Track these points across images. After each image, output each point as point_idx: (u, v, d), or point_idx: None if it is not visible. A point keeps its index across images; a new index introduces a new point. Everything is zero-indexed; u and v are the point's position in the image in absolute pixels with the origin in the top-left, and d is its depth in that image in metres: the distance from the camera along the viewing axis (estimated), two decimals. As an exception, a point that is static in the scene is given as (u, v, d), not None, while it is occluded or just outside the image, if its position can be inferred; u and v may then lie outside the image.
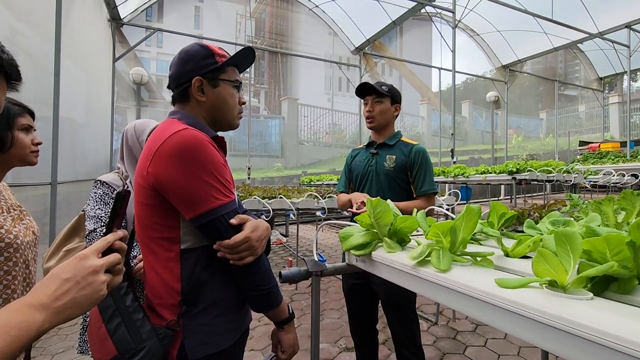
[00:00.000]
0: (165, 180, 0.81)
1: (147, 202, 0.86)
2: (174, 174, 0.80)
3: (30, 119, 1.11)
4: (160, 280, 0.87)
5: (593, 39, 10.59)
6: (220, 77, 0.96)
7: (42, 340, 2.75)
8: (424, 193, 1.70)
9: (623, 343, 0.39)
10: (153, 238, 0.87)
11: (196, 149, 0.81)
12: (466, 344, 2.59)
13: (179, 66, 0.94)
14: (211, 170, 0.83)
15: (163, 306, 0.87)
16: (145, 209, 0.87)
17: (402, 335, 1.67)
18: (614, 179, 5.66)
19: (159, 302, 0.87)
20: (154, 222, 0.86)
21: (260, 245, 0.87)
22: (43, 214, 3.77)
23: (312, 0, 10.56)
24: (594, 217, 0.82)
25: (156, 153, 0.82)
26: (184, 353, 0.84)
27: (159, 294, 0.88)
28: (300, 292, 3.83)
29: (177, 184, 0.80)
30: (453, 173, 5.94)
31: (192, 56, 0.94)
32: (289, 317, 0.98)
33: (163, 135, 0.83)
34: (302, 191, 5.27)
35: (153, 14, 12.27)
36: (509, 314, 0.53)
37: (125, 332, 0.80)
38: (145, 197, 0.86)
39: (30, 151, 1.10)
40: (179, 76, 0.94)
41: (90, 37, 5.71)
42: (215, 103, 0.96)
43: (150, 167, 0.82)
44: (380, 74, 14.73)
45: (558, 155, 13.27)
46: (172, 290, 0.86)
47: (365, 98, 1.82)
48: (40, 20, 3.86)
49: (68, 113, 4.42)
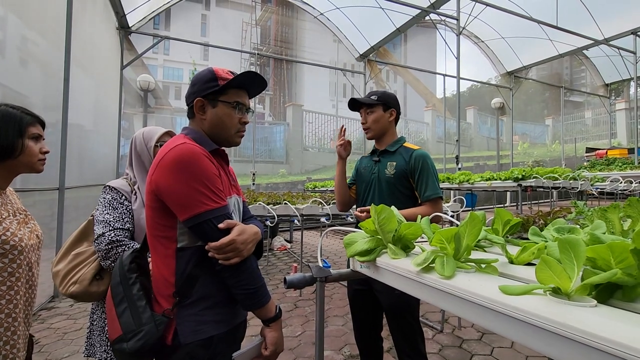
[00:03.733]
0: (162, 187, 0.94)
1: (151, 205, 1.00)
2: (170, 182, 0.93)
3: (40, 128, 1.16)
4: (159, 273, 1.00)
5: (598, 46, 10.55)
6: (219, 98, 1.07)
7: (47, 344, 2.77)
8: (427, 198, 1.68)
9: (626, 350, 0.39)
10: (155, 236, 1.01)
11: (190, 161, 0.94)
12: (472, 352, 2.56)
13: (189, 88, 1.09)
14: (202, 179, 0.95)
15: (161, 296, 1.00)
16: (150, 211, 1.01)
17: (404, 344, 1.65)
18: (622, 186, 5.60)
19: (158, 292, 1.01)
20: (156, 222, 0.99)
21: (245, 248, 0.97)
22: (50, 219, 3.81)
23: (317, 8, 10.66)
24: (599, 225, 0.81)
25: (159, 163, 0.96)
26: (177, 337, 0.96)
27: (158, 285, 1.01)
28: (304, 298, 3.81)
29: (172, 189, 0.93)
30: (458, 179, 5.91)
31: (199, 79, 1.07)
32: (275, 316, 1.04)
33: (166, 149, 0.98)
34: (306, 197, 5.28)
35: (160, 22, 12.48)
36: (512, 320, 0.53)
37: (129, 316, 0.96)
38: (150, 201, 1.00)
39: (38, 159, 1.15)
40: (188, 96, 1.10)
41: (99, 44, 5.81)
42: (213, 121, 1.08)
43: (153, 175, 0.97)
44: (385, 81, 14.77)
45: (565, 161, 13.16)
46: (167, 282, 0.99)
47: (359, 111, 1.85)
48: (51, 29, 3.94)
49: (76, 119, 4.49)
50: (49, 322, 3.20)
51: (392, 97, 1.83)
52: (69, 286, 1.26)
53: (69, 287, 1.26)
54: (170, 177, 0.93)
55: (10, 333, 1.03)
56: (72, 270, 1.29)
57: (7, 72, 3.22)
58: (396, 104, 1.83)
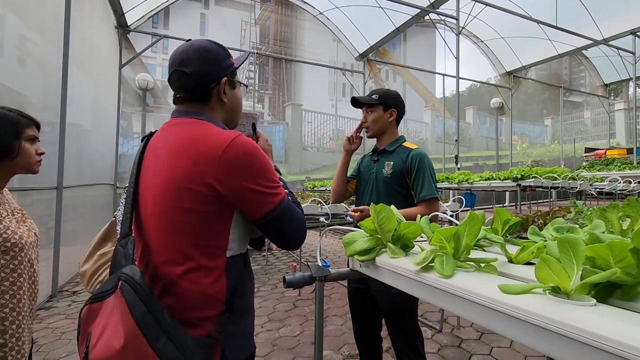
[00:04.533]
0: (236, 187, 0.82)
1: (200, 209, 0.83)
2: (245, 181, 0.83)
3: (35, 130, 1.19)
4: (200, 290, 0.82)
5: (598, 46, 10.57)
6: (236, 79, 0.98)
7: (45, 344, 2.76)
8: (422, 199, 1.66)
9: (626, 349, 0.39)
10: (197, 246, 0.83)
11: (258, 156, 0.86)
12: (471, 352, 2.57)
13: (203, 64, 0.91)
14: (270, 171, 0.89)
15: (202, 316, 0.83)
16: (194, 216, 0.83)
17: (403, 344, 1.65)
18: (620, 186, 5.61)
19: (195, 312, 0.82)
20: (205, 229, 0.84)
21: None
22: (49, 218, 3.80)
23: (316, 7, 10.66)
24: (598, 224, 0.82)
25: (221, 160, 0.82)
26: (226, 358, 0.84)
27: (197, 304, 0.83)
28: (303, 297, 3.81)
29: (252, 186, 0.84)
30: (457, 179, 5.92)
31: (216, 56, 0.93)
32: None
33: (219, 141, 0.84)
34: (305, 197, 5.27)
35: (159, 21, 12.46)
36: (512, 319, 0.53)
37: (175, 350, 0.72)
38: (199, 203, 0.82)
39: (35, 160, 1.18)
40: (205, 74, 0.91)
41: (98, 43, 5.80)
42: (233, 105, 0.98)
43: (215, 172, 0.82)
44: (384, 80, 14.78)
45: (564, 161, 13.19)
46: (214, 300, 0.84)
47: (362, 108, 1.86)
48: (49, 28, 3.93)
49: (75, 118, 4.48)
50: (47, 322, 3.19)
51: (394, 97, 1.81)
52: (96, 285, 1.29)
53: (96, 286, 1.29)
54: (244, 175, 0.83)
55: (16, 327, 1.07)
56: (99, 269, 1.32)
57: (6, 71, 3.21)
58: (397, 104, 1.81)
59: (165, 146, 0.88)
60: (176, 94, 0.95)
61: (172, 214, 0.84)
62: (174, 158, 0.84)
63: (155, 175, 0.87)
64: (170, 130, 0.92)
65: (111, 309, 0.72)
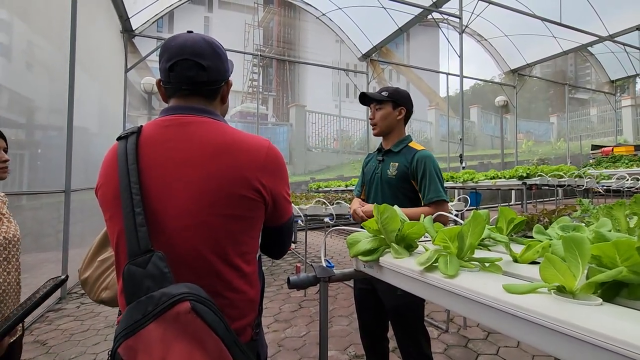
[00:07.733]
0: (275, 192, 0.85)
1: (247, 215, 0.79)
2: (280, 186, 0.87)
3: (3, 142, 1.38)
4: (245, 297, 0.81)
5: (603, 42, 10.46)
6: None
7: (54, 346, 2.79)
8: (430, 201, 1.63)
9: (633, 349, 0.38)
10: (240, 253, 0.80)
11: (285, 163, 0.91)
12: (478, 352, 2.55)
13: (217, 60, 0.86)
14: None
15: (246, 323, 0.82)
16: (240, 222, 0.79)
17: (409, 345, 1.64)
18: (628, 184, 5.54)
19: (243, 320, 0.81)
20: (248, 235, 0.81)
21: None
22: (57, 221, 3.84)
23: (318, 9, 10.68)
24: (605, 222, 0.80)
25: (264, 165, 0.81)
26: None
27: (243, 312, 0.81)
28: (308, 298, 3.82)
29: (284, 193, 0.89)
30: (462, 178, 5.89)
31: (225, 55, 0.90)
32: None
33: (258, 146, 0.83)
34: (310, 197, 5.28)
35: (164, 25, 12.55)
36: (516, 319, 0.53)
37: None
38: (248, 210, 0.79)
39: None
40: (219, 70, 0.87)
41: (104, 48, 5.86)
42: (227, 108, 0.99)
43: (262, 177, 0.80)
44: (388, 80, 14.75)
45: (570, 159, 13.05)
46: (254, 304, 0.84)
47: (369, 105, 1.84)
48: (56, 33, 3.98)
49: (82, 122, 4.53)
50: (56, 324, 3.23)
51: (404, 95, 1.80)
52: (100, 292, 1.25)
53: (100, 293, 1.25)
54: (282, 180, 0.88)
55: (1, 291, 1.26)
56: (101, 276, 1.27)
57: (14, 76, 3.26)
58: (407, 103, 1.80)
59: (191, 148, 0.78)
60: (181, 86, 0.84)
61: (216, 223, 0.76)
62: (214, 163, 0.77)
63: (177, 180, 0.76)
64: (184, 129, 0.80)
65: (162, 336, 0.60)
